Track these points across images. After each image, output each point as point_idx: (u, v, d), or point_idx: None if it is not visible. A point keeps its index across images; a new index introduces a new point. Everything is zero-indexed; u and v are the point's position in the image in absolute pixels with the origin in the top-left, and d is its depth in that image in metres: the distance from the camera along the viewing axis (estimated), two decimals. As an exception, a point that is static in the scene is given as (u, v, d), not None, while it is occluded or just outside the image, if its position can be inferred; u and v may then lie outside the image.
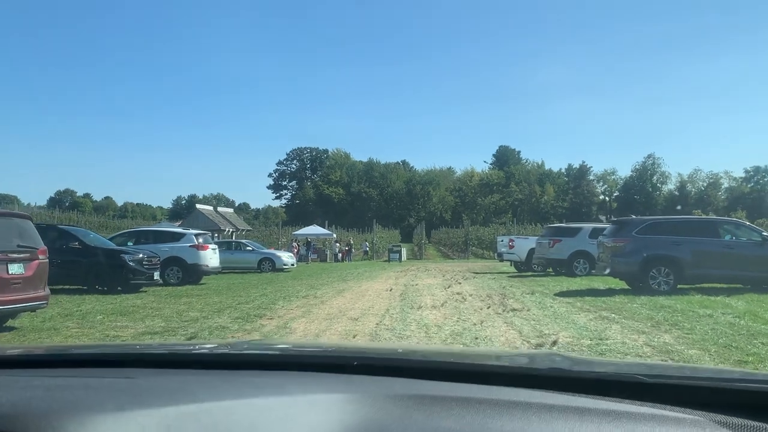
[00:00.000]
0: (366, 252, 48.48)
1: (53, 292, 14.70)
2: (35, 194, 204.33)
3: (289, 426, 0.91)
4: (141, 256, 15.08)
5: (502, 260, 25.63)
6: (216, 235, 33.38)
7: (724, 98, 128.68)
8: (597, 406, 1.02)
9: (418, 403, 1.00)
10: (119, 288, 14.65)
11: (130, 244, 18.17)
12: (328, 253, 44.59)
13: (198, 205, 34.11)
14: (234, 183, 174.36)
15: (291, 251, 35.24)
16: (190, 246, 17.70)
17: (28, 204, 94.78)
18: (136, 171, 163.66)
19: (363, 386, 1.12)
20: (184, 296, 14.04)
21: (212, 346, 2.09)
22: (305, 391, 1.07)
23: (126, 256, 14.68)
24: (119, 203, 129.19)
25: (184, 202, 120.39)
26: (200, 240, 18.12)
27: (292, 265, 26.86)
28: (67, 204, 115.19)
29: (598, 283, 16.16)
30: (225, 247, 26.82)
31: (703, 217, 15.74)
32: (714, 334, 7.53)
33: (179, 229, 18.98)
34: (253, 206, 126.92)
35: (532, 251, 22.49)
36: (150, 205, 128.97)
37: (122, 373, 1.26)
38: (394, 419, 0.94)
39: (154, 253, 15.93)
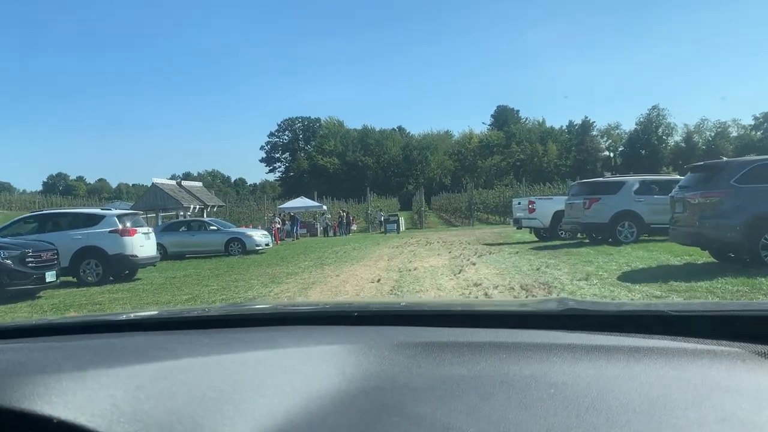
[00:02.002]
0: (381, 222, 41.91)
1: None
2: (28, 180, 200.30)
3: (282, 378, 0.78)
4: (24, 251, 10.67)
5: (520, 227, 20.75)
6: (182, 213, 28.83)
7: (728, 43, 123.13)
8: (622, 343, 0.92)
9: (426, 351, 0.90)
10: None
11: (39, 233, 13.79)
12: (318, 227, 40.34)
13: (155, 179, 29.17)
14: (230, 159, 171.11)
15: (273, 228, 31.05)
16: (110, 231, 13.15)
17: (23, 191, 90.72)
18: (129, 151, 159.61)
19: (365, 336, 1.02)
20: (79, 305, 9.70)
21: (198, 308, 1.72)
22: (300, 344, 0.96)
23: (-3, 253, 10.27)
24: (113, 185, 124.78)
25: (178, 180, 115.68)
26: (126, 223, 13.59)
27: (267, 245, 22.39)
28: (60, 188, 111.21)
29: (664, 254, 11.75)
30: (183, 227, 22.46)
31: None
32: None
33: (97, 211, 14.45)
34: (249, 181, 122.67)
35: (558, 215, 18.10)
36: (146, 186, 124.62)
37: (93, 337, 1.12)
38: (401, 368, 0.84)
39: (49, 245, 11.48)
